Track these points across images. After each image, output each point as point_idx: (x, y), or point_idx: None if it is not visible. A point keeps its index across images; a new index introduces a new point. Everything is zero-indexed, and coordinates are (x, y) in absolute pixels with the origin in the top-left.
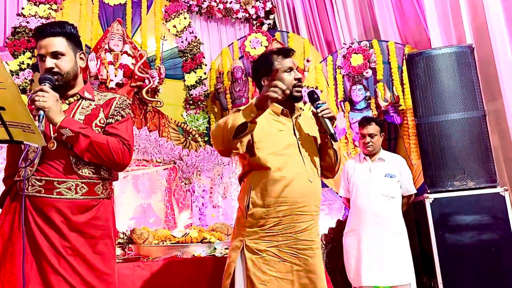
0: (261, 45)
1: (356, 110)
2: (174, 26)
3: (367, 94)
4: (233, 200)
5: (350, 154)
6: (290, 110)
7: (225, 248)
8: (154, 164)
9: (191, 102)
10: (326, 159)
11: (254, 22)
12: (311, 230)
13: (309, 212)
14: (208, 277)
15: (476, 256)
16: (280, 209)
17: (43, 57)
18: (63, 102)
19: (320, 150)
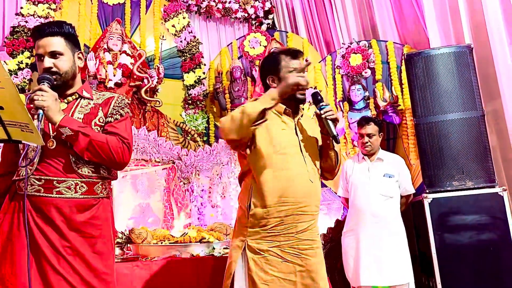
0: (260, 45)
1: (355, 110)
2: (173, 26)
3: (366, 94)
4: (232, 200)
5: (349, 154)
6: (293, 110)
7: (224, 248)
8: (153, 163)
9: (190, 101)
10: (327, 160)
11: (253, 22)
12: (312, 230)
13: (310, 212)
14: (207, 276)
15: (475, 256)
16: (281, 209)
17: (41, 56)
18: (62, 101)
19: (320, 151)
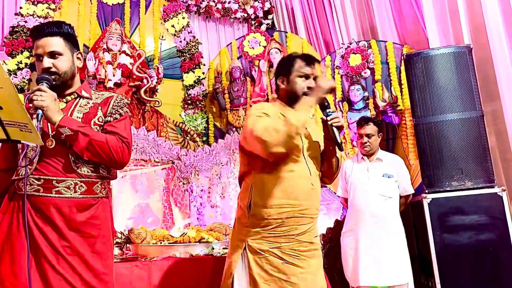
0: (260, 45)
1: (354, 110)
2: (173, 26)
3: (365, 94)
4: (231, 200)
5: (348, 154)
6: None
7: (223, 248)
8: (152, 164)
9: (189, 102)
10: (328, 166)
11: (253, 22)
12: (311, 232)
13: (310, 214)
14: (206, 276)
15: (474, 256)
16: (282, 211)
17: (40, 56)
18: (60, 100)
19: (322, 156)
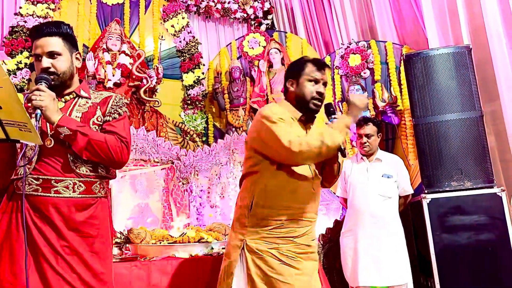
0: (259, 45)
1: None
2: (172, 26)
3: (365, 94)
4: (230, 200)
5: (348, 155)
6: (306, 119)
7: (223, 248)
8: (152, 164)
9: (189, 102)
10: (329, 170)
11: (252, 22)
12: (308, 235)
13: (309, 218)
14: (205, 276)
15: (473, 256)
16: (283, 213)
17: (39, 56)
18: (59, 100)
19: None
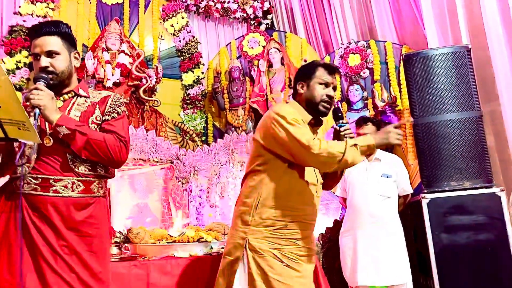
0: (259, 45)
1: (353, 110)
2: (172, 26)
3: (364, 94)
4: (230, 200)
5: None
6: (315, 122)
7: (222, 248)
8: (151, 163)
9: (188, 101)
10: (333, 174)
11: (252, 22)
12: (310, 238)
13: (311, 221)
14: (204, 276)
15: (473, 256)
16: (288, 214)
17: (37, 56)
18: (58, 98)
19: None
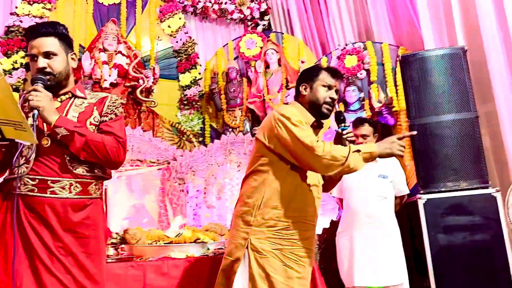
0: (256, 46)
1: (350, 111)
2: (169, 26)
3: (361, 95)
4: (227, 201)
5: None
6: (317, 124)
7: (219, 248)
8: (148, 164)
9: (185, 102)
10: (331, 179)
11: (249, 23)
12: (310, 240)
13: (312, 222)
14: (201, 277)
15: (469, 256)
16: (291, 215)
17: (34, 57)
18: (55, 99)
19: None
